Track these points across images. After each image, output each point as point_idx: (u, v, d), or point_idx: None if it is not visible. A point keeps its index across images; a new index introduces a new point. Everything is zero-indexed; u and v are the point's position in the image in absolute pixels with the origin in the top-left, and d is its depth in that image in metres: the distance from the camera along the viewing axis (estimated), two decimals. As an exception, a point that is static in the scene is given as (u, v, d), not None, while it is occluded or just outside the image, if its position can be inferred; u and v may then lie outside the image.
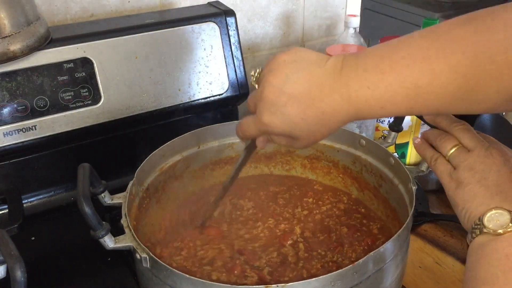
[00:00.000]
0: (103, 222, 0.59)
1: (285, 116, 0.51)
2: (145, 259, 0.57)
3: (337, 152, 0.83)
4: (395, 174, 0.74)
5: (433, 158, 0.57)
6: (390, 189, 0.75)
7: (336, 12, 1.31)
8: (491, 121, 1.00)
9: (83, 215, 0.57)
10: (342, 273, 0.54)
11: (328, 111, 0.49)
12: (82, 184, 0.61)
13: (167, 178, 0.79)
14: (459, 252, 0.82)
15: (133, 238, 0.60)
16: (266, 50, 1.23)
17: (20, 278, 0.49)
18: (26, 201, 0.88)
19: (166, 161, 0.78)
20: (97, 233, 0.58)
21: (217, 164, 0.85)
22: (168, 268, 0.55)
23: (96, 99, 0.87)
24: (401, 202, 0.71)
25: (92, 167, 0.66)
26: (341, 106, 0.49)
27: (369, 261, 0.56)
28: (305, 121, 0.50)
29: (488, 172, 0.52)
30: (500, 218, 0.48)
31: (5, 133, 0.81)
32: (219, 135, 0.83)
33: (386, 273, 0.60)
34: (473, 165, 0.53)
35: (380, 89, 0.47)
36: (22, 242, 0.56)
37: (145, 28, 0.91)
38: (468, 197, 0.52)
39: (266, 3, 1.18)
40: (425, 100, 0.46)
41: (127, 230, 0.61)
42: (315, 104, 0.49)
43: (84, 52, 0.86)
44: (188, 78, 0.96)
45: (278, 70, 0.51)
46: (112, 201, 0.69)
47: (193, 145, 0.82)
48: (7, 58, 0.75)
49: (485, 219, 0.49)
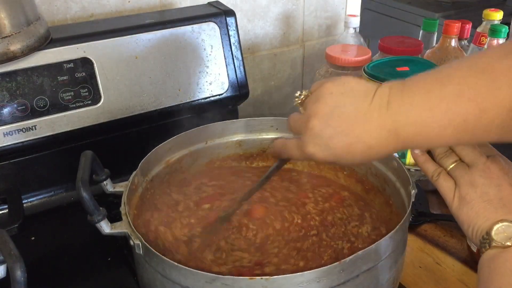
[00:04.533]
0: (100, 208, 0.60)
1: (330, 149, 0.51)
2: (138, 245, 0.58)
3: None
4: (397, 178, 0.74)
5: (435, 173, 0.57)
6: (393, 192, 0.75)
7: (336, 12, 1.31)
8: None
9: (80, 200, 0.58)
10: (327, 270, 0.54)
11: (375, 146, 0.50)
12: (82, 170, 0.62)
13: (173, 171, 0.79)
14: (459, 252, 0.82)
15: (129, 225, 0.61)
16: (266, 50, 1.23)
17: (20, 278, 0.49)
18: (26, 201, 0.88)
19: (172, 154, 0.79)
20: (93, 217, 0.59)
21: (224, 161, 0.86)
22: (159, 256, 0.56)
23: (96, 99, 0.87)
24: (401, 206, 0.71)
25: (95, 154, 0.67)
26: (389, 141, 0.49)
27: (358, 260, 0.55)
28: (351, 154, 0.51)
29: (488, 186, 0.52)
30: (507, 230, 0.49)
31: (5, 133, 0.81)
32: (227, 132, 0.84)
33: (378, 273, 0.59)
34: (473, 181, 0.53)
35: (428, 127, 0.47)
36: (22, 242, 0.56)
37: (145, 28, 0.91)
38: (473, 213, 0.52)
39: (266, 3, 1.18)
40: (473, 133, 0.46)
41: (124, 217, 0.62)
42: (362, 140, 0.49)
43: (84, 52, 0.86)
44: (188, 78, 0.96)
45: (325, 102, 0.51)
46: (114, 189, 0.70)
47: (201, 141, 0.83)
48: (7, 58, 0.75)
49: (493, 232, 0.50)
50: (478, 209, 0.52)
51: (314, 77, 1.13)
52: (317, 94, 0.53)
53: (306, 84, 1.33)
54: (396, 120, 0.48)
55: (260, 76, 1.25)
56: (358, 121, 0.49)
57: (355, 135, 0.50)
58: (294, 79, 1.31)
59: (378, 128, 0.49)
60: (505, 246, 0.48)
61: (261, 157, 0.87)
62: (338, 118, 0.50)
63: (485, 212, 0.52)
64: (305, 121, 0.53)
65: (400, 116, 0.48)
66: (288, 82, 1.30)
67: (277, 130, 0.85)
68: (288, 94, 1.32)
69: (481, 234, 0.51)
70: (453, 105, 0.45)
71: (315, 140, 0.51)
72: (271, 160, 0.88)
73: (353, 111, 0.50)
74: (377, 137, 0.49)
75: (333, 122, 0.50)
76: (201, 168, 0.84)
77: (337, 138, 0.50)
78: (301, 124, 0.54)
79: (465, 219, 0.53)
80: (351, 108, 0.50)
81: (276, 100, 1.30)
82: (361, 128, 0.49)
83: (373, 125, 0.49)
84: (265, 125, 0.85)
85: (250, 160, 0.87)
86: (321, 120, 0.51)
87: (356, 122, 0.49)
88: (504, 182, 0.53)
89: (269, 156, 0.88)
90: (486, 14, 1.18)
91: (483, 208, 0.52)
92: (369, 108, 0.49)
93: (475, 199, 0.53)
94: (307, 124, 0.52)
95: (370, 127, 0.49)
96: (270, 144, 0.86)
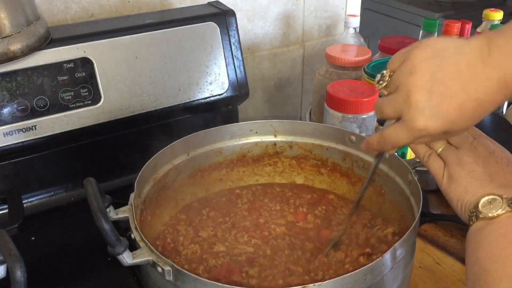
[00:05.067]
0: (121, 238, 0.57)
1: (441, 116, 0.49)
2: (168, 272, 0.55)
3: (326, 150, 0.84)
4: (390, 167, 0.75)
5: (425, 155, 0.59)
6: (385, 182, 0.76)
7: (336, 12, 1.31)
8: (491, 121, 1.00)
9: (101, 232, 0.55)
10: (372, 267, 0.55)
11: (485, 100, 0.48)
12: (95, 200, 0.58)
13: (159, 189, 0.77)
14: (459, 252, 0.82)
15: (151, 252, 0.58)
16: (266, 50, 1.23)
17: (20, 278, 0.49)
18: (26, 201, 0.88)
19: (158, 171, 0.77)
20: (115, 249, 0.56)
21: (206, 171, 0.85)
22: (197, 278, 0.53)
23: (96, 99, 0.87)
24: (398, 194, 0.73)
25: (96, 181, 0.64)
26: (498, 93, 0.47)
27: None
28: (463, 115, 0.49)
29: (475, 164, 0.55)
30: (493, 203, 0.52)
31: (5, 133, 0.81)
32: (207, 141, 0.83)
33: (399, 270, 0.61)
34: (461, 160, 0.56)
35: None
36: (22, 242, 0.56)
37: (145, 28, 0.91)
38: (461, 189, 0.55)
39: (266, 3, 1.18)
40: None
41: (142, 244, 0.59)
42: (471, 97, 0.47)
43: (84, 52, 0.86)
44: (188, 78, 0.96)
45: (421, 71, 0.49)
46: (117, 215, 0.66)
47: (183, 153, 0.80)
48: (7, 58, 0.75)
49: (479, 205, 0.52)
50: (466, 185, 0.54)
51: (314, 77, 1.13)
52: (407, 67, 0.50)
53: (306, 84, 1.33)
54: (503, 68, 0.46)
55: (260, 76, 1.25)
56: (462, 79, 0.47)
57: (463, 94, 0.47)
58: (294, 79, 1.31)
59: (486, 80, 0.47)
60: (490, 217, 0.51)
61: (241, 163, 0.87)
62: (441, 82, 0.48)
63: (472, 187, 0.54)
64: (404, 98, 0.50)
65: (506, 64, 0.46)
66: (288, 82, 1.30)
67: (257, 133, 0.85)
68: (288, 94, 1.32)
69: (469, 209, 0.53)
70: None
71: (424, 112, 0.49)
72: (251, 165, 0.87)
73: (453, 70, 0.48)
74: (486, 91, 0.47)
75: (437, 88, 0.48)
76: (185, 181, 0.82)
77: (446, 104, 0.48)
78: (399, 103, 0.51)
79: (454, 196, 0.56)
80: (451, 68, 0.48)
81: (276, 100, 1.30)
82: (468, 85, 0.47)
83: (480, 79, 0.47)
84: (245, 130, 0.85)
85: (230, 167, 0.86)
86: (423, 91, 0.48)
87: (460, 80, 0.47)
88: (491, 160, 0.55)
89: (249, 161, 0.87)
90: (486, 14, 1.18)
91: (470, 184, 0.54)
92: (469, 62, 0.47)
93: (463, 176, 0.55)
94: (408, 100, 0.50)
95: (477, 82, 0.47)
96: (269, 146, 0.86)
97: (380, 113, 0.55)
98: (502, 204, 0.51)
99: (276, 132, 0.85)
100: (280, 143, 0.86)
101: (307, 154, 0.86)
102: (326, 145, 0.83)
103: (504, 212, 0.50)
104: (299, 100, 1.35)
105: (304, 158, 0.86)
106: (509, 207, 0.51)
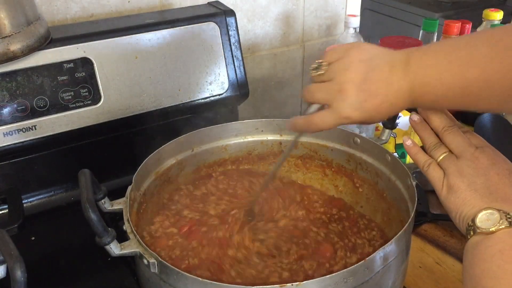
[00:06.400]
0: (108, 229, 0.58)
1: (364, 111, 0.56)
2: (153, 264, 0.56)
3: (331, 151, 0.83)
4: (392, 171, 0.74)
5: (426, 164, 0.60)
6: (387, 186, 0.75)
7: (336, 12, 1.31)
8: (491, 121, 1.00)
9: (88, 222, 0.56)
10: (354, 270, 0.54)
11: (396, 103, 0.56)
12: (85, 190, 0.60)
13: (162, 183, 0.78)
14: (459, 252, 0.82)
15: (139, 244, 0.58)
16: (266, 50, 1.23)
17: (20, 278, 0.49)
18: (26, 201, 0.88)
19: (161, 165, 0.77)
20: (102, 239, 0.57)
21: (211, 167, 0.85)
22: (179, 272, 0.54)
23: (96, 99, 0.87)
24: (399, 198, 0.72)
25: (92, 173, 0.65)
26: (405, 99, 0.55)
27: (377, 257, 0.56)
28: (379, 112, 0.57)
29: (476, 176, 0.55)
30: (491, 217, 0.51)
31: (5, 133, 0.81)
32: (213, 137, 0.83)
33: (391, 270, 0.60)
34: (461, 170, 0.56)
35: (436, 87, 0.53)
36: (22, 242, 0.56)
37: (145, 28, 0.91)
38: (460, 201, 0.55)
39: (266, 3, 1.18)
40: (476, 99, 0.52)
41: (131, 235, 0.60)
42: (388, 100, 0.55)
43: (84, 52, 0.86)
44: (188, 78, 0.96)
45: (357, 69, 0.56)
46: (112, 207, 0.67)
47: (188, 148, 0.81)
48: (7, 58, 0.75)
49: (477, 220, 0.52)
50: (464, 197, 0.54)
51: (314, 77, 1.13)
52: (345, 63, 0.57)
53: (306, 84, 1.33)
54: (413, 79, 0.54)
55: (260, 76, 1.25)
56: (386, 84, 0.55)
57: (383, 96, 0.55)
58: (294, 79, 1.31)
59: (400, 89, 0.55)
60: (488, 232, 0.50)
61: (247, 160, 0.87)
62: (370, 82, 0.55)
63: (471, 200, 0.54)
64: (337, 89, 0.57)
65: (417, 75, 0.54)
66: (288, 82, 1.30)
67: (262, 132, 0.85)
68: (288, 94, 1.32)
69: (467, 221, 0.53)
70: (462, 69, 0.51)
71: (352, 105, 0.56)
72: (257, 163, 0.87)
73: (381, 74, 0.55)
74: (398, 96, 0.55)
75: (366, 87, 0.55)
76: (189, 176, 0.82)
77: (370, 101, 0.56)
78: (331, 92, 0.58)
79: (452, 207, 0.55)
80: (379, 72, 0.55)
81: (276, 100, 1.30)
82: (388, 89, 0.55)
83: (396, 86, 0.55)
84: (250, 128, 0.85)
85: (236, 164, 0.87)
86: (355, 86, 0.56)
87: (384, 83, 0.55)
88: (492, 172, 0.55)
89: (255, 159, 0.87)
90: (486, 14, 1.18)
91: (469, 196, 0.54)
92: (392, 71, 0.55)
93: (462, 188, 0.55)
94: (341, 91, 0.56)
95: (393, 88, 0.55)
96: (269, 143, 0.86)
97: (311, 97, 0.61)
98: (500, 219, 0.50)
99: (281, 131, 0.85)
100: (285, 142, 0.85)
101: (313, 155, 0.85)
102: (331, 146, 0.83)
103: (502, 228, 0.50)
104: (299, 100, 1.35)
105: (310, 158, 0.86)
106: (507, 222, 0.50)
